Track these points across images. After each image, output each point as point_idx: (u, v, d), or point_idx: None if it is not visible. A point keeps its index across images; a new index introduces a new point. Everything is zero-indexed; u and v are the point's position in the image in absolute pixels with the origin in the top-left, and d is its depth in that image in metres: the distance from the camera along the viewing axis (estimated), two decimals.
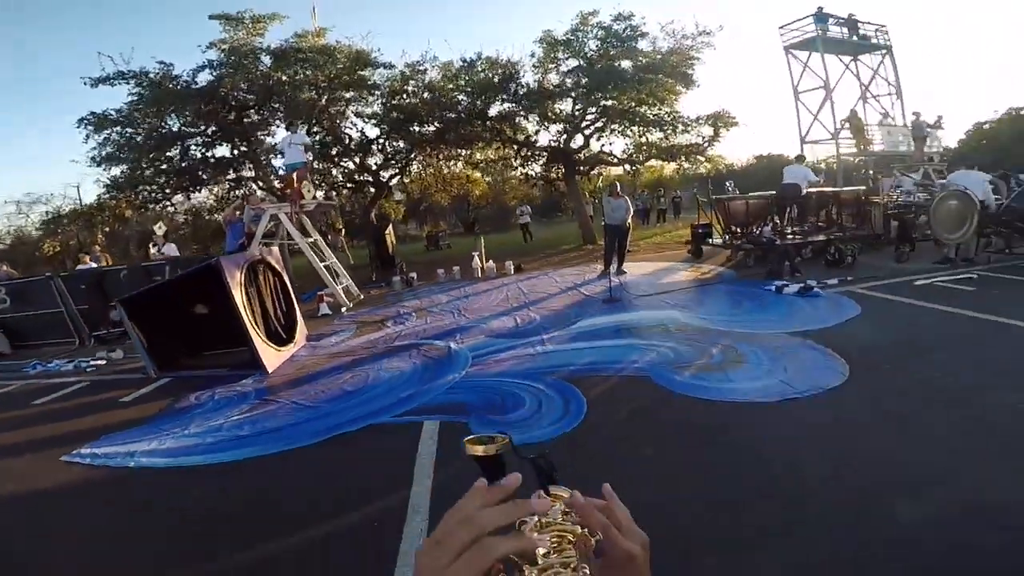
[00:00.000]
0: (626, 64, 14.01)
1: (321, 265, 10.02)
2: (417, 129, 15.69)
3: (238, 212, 10.49)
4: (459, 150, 16.84)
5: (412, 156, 17.97)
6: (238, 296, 5.68)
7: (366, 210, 18.26)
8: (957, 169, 9.85)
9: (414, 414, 4.31)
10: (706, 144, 15.44)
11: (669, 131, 15.11)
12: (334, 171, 18.38)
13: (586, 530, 0.47)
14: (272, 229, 10.77)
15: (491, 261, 12.14)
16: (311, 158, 10.95)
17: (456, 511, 0.46)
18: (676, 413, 3.95)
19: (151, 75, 12.68)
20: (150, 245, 11.38)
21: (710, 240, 11.25)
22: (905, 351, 4.80)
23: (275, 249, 7.87)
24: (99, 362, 7.54)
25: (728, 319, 6.42)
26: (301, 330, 7.22)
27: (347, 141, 16.62)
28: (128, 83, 12.70)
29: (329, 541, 2.74)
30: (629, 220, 10.00)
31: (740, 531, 2.53)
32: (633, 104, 14.17)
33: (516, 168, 18.20)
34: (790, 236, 10.41)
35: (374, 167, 17.92)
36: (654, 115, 14.82)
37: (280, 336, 6.51)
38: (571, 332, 6.43)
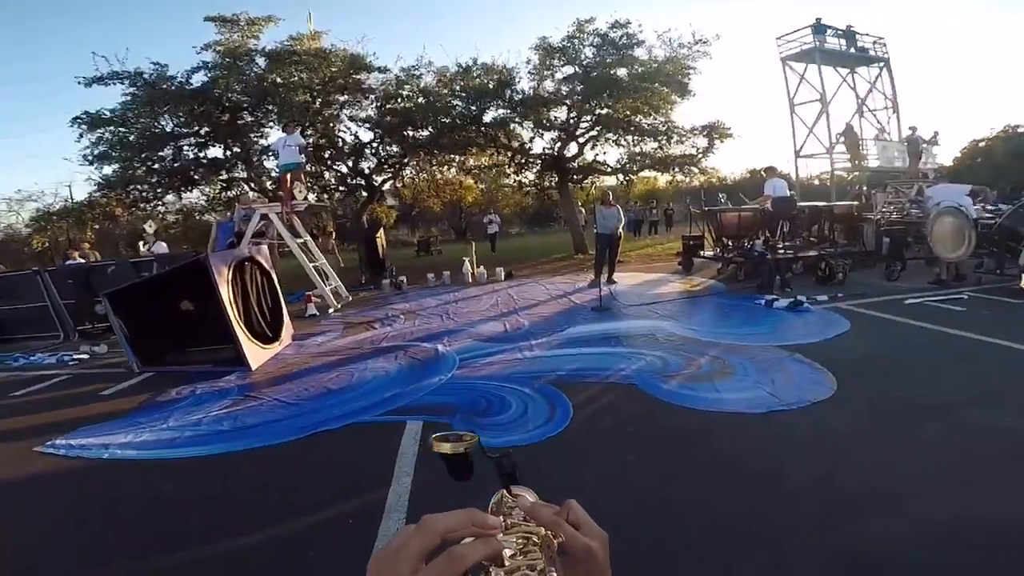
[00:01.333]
0: (622, 72, 14.07)
1: (311, 266, 9.96)
2: (411, 134, 15.69)
3: (228, 212, 10.45)
4: (453, 156, 16.82)
5: (406, 161, 17.97)
6: (224, 292, 5.63)
7: (358, 214, 18.19)
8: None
9: (397, 414, 4.27)
10: (700, 155, 15.55)
11: (663, 141, 15.21)
12: (327, 174, 18.34)
13: (550, 532, 0.46)
14: (262, 229, 10.70)
15: (482, 267, 12.12)
16: (305, 160, 10.89)
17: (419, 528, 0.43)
18: (661, 421, 3.94)
19: (145, 76, 12.62)
20: (140, 243, 11.30)
21: (701, 253, 11.28)
22: (893, 368, 4.82)
23: (264, 248, 7.81)
24: (82, 356, 7.49)
25: (716, 331, 6.42)
26: (287, 329, 7.15)
27: (340, 144, 16.58)
28: (123, 83, 12.65)
29: (302, 537, 2.69)
30: (621, 229, 10.02)
31: (718, 536, 2.50)
32: (628, 113, 14.25)
33: (509, 175, 18.18)
34: (781, 250, 10.47)
35: (367, 171, 17.89)
36: (648, 125, 14.91)
37: (266, 334, 6.44)
38: (559, 339, 6.41)
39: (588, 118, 15.43)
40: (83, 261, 12.20)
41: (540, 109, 14.86)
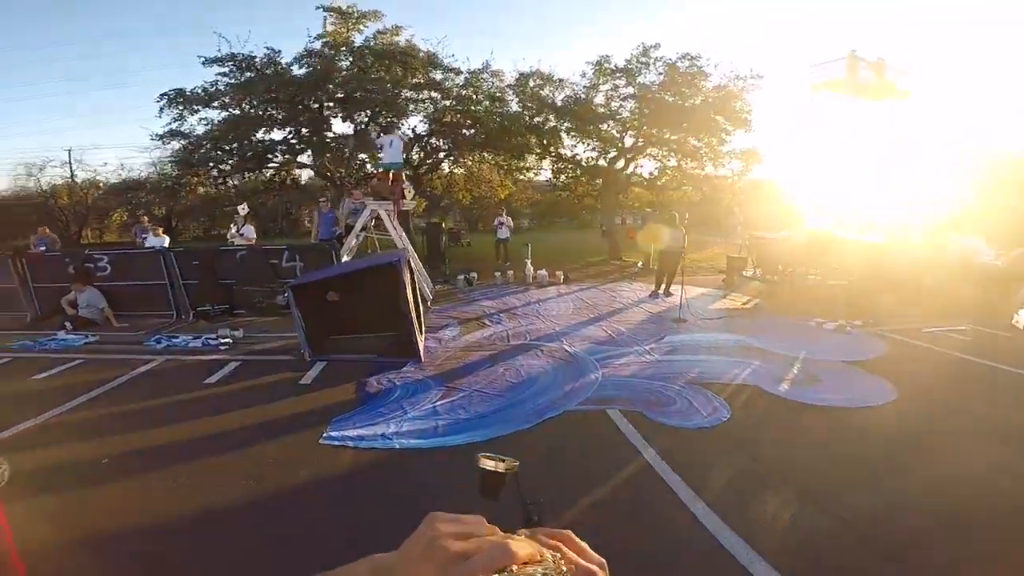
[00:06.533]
0: (690, 102, 15.24)
1: (420, 264, 10.88)
2: (467, 132, 16.71)
3: (327, 202, 11.37)
4: (504, 158, 17.86)
5: (451, 156, 19.02)
6: (409, 291, 6.72)
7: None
8: None
9: (591, 404, 5.48)
10: (735, 178, 16.99)
11: (705, 161, 16.55)
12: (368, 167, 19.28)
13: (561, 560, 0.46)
14: (350, 222, 11.61)
15: (543, 269, 13.30)
16: (405, 157, 11.88)
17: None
18: (793, 411, 5.35)
19: (257, 60, 13.32)
20: (231, 225, 12.07)
21: (744, 273, 12.70)
22: (933, 383, 6.37)
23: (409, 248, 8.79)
24: (226, 340, 7.93)
25: (791, 345, 7.78)
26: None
27: (401, 137, 17.53)
28: (237, 66, 13.29)
29: (613, 501, 3.80)
30: (683, 247, 11.32)
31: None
32: (682, 135, 15.52)
33: (552, 178, 19.26)
34: (811, 277, 11.95)
35: (415, 163, 18.86)
36: (694, 147, 16.21)
37: (420, 328, 7.55)
38: (665, 346, 7.67)
39: (633, 134, 16.67)
40: (166, 238, 13.02)
41: (597, 122, 16.01)
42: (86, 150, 43.08)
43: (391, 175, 10.95)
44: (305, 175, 17.76)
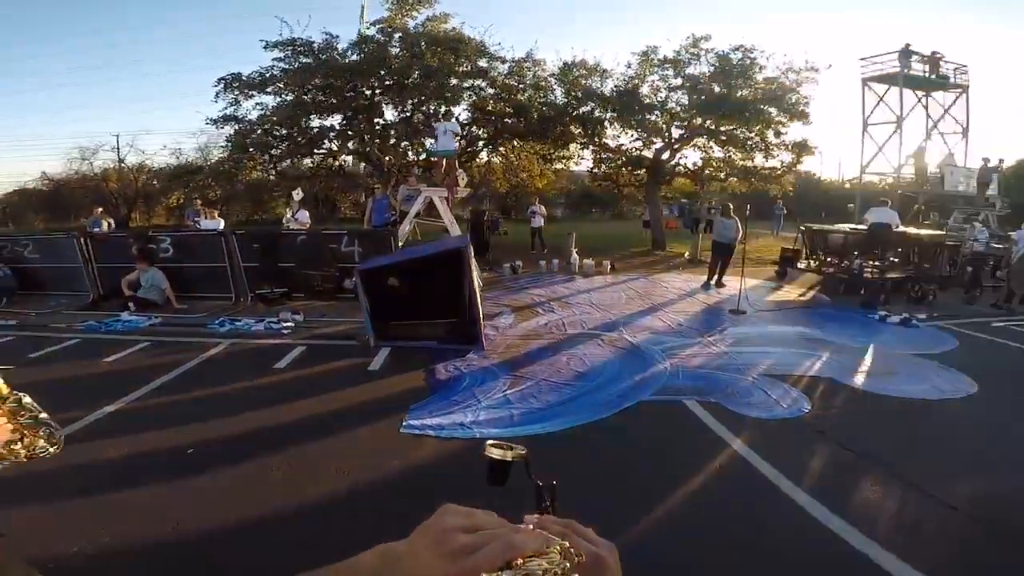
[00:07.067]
0: (741, 93, 14.93)
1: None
2: (511, 121, 16.62)
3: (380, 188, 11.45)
4: (547, 146, 17.73)
5: (490, 144, 18.93)
6: (476, 277, 6.72)
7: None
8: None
9: (665, 394, 5.43)
10: (783, 170, 16.56)
11: (755, 152, 16.17)
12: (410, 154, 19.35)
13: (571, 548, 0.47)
14: (404, 208, 11.67)
15: (590, 259, 13.20)
16: (460, 145, 11.88)
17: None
18: (874, 401, 5.29)
19: (316, 45, 13.45)
20: (287, 211, 12.25)
21: (797, 264, 12.39)
22: (1012, 377, 6.31)
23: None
24: (288, 324, 7.93)
25: (857, 338, 7.56)
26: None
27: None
28: (296, 51, 13.42)
29: (709, 494, 3.79)
30: (737, 240, 11.09)
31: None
32: (734, 127, 15.20)
33: (594, 168, 19.04)
34: (868, 271, 11.55)
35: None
36: (744, 137, 15.85)
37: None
38: (728, 337, 7.53)
39: (680, 124, 16.36)
40: (221, 221, 13.26)
41: (644, 114, 15.76)
42: (136, 135, 44.13)
43: (444, 162, 10.96)
44: (349, 161, 17.91)
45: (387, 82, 14.47)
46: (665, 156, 17.19)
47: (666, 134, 16.64)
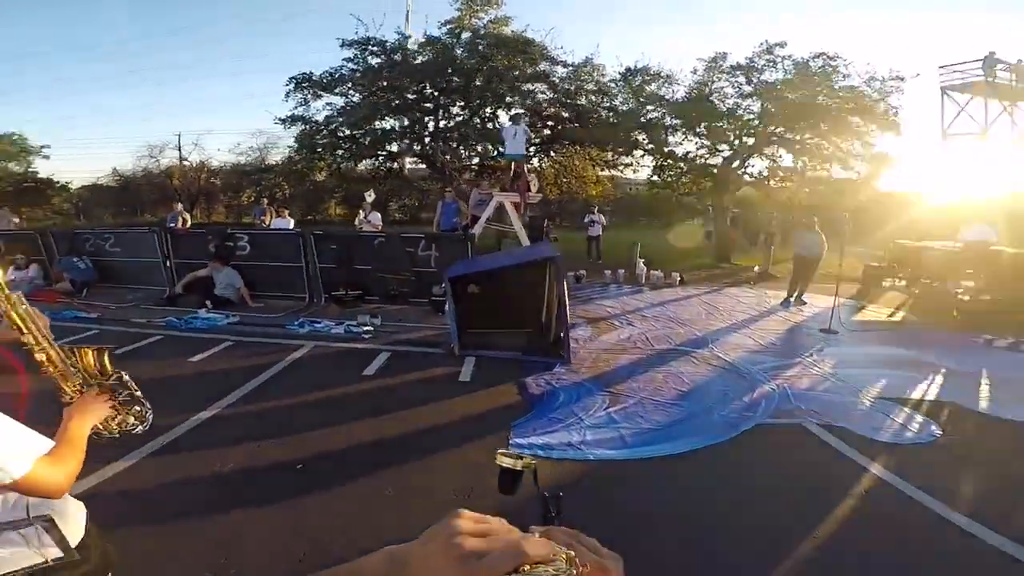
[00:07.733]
0: (822, 100, 14.34)
1: None
2: (569, 126, 16.41)
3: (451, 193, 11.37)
4: (609, 153, 17.44)
5: (544, 149, 18.73)
6: (566, 288, 6.50)
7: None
8: None
9: (781, 417, 5.10)
10: (859, 180, 15.82)
11: (832, 163, 15.48)
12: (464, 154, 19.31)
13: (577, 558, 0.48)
14: (476, 213, 11.53)
15: (659, 270, 12.83)
16: (530, 151, 11.76)
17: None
18: (1007, 430, 4.94)
19: (388, 44, 13.56)
20: (360, 211, 12.27)
21: (884, 283, 11.72)
22: None
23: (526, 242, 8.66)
24: (368, 328, 7.84)
25: (963, 362, 6.95)
26: None
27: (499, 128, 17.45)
28: (368, 49, 13.55)
29: (862, 519, 3.46)
30: (823, 254, 10.53)
31: None
32: (811, 136, 14.59)
33: (656, 175, 18.59)
34: (960, 291, 10.81)
35: None
36: (820, 147, 15.20)
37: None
38: (828, 358, 7.07)
39: (752, 132, 15.82)
40: (291, 220, 13.43)
41: (709, 118, 15.33)
42: (200, 135, 45.52)
43: (512, 165, 10.82)
44: (407, 164, 18.01)
45: (452, 84, 14.44)
46: (734, 165, 16.64)
47: (736, 142, 16.12)
